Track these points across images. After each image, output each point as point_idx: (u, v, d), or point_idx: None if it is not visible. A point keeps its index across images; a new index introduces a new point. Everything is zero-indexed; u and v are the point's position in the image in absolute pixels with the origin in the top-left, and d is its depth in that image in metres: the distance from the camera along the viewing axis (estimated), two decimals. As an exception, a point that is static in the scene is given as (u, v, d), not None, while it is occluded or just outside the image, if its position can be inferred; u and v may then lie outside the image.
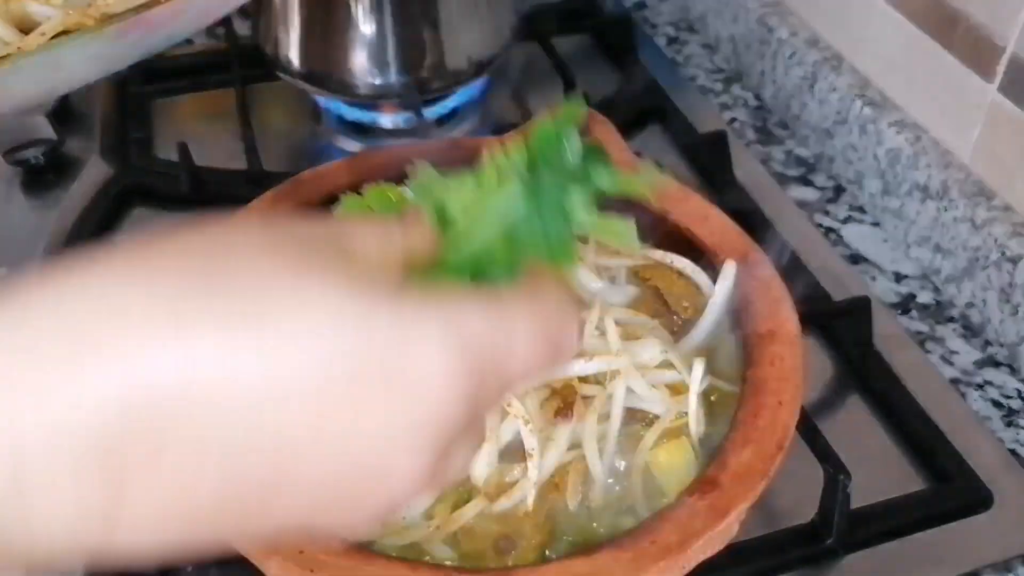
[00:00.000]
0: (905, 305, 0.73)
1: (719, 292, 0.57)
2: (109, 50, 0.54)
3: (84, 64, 0.54)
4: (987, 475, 0.59)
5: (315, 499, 0.28)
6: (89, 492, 0.25)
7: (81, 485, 0.25)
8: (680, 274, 0.61)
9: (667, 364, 0.53)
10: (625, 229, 0.40)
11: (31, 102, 0.55)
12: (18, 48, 0.52)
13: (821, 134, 0.85)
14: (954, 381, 0.67)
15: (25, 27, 0.54)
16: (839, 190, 0.82)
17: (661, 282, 0.60)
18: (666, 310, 0.59)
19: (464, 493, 0.50)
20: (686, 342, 0.56)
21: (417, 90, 0.80)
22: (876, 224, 0.79)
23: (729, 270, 0.58)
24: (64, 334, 0.25)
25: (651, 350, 0.53)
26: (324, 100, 0.85)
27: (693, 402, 0.52)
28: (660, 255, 0.61)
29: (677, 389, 0.53)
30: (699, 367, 0.52)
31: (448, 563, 0.47)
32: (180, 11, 0.54)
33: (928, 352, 0.68)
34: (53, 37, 0.53)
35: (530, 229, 0.37)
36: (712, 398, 0.55)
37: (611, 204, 0.64)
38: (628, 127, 0.80)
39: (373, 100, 0.81)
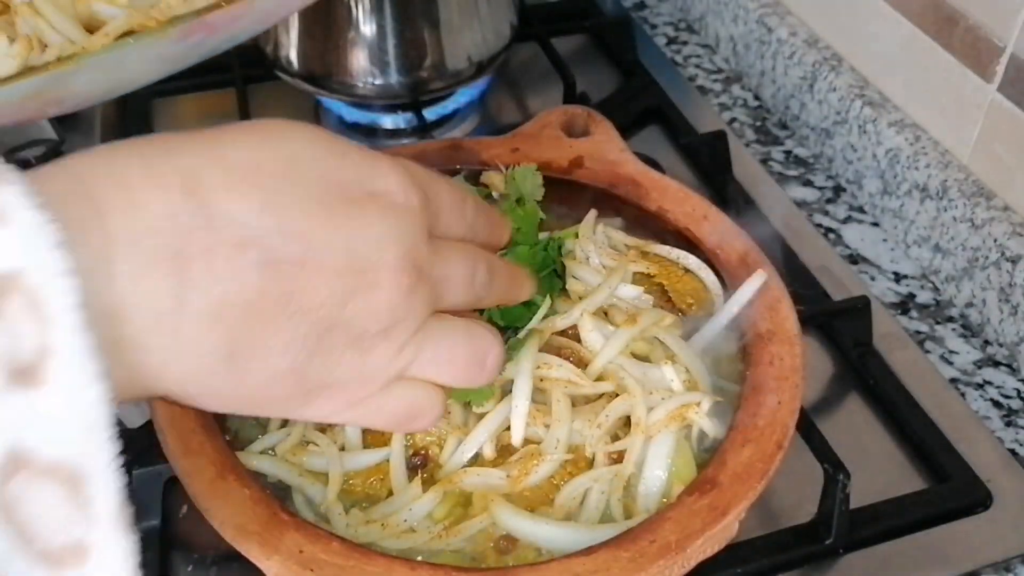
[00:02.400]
0: (904, 305, 0.73)
1: (738, 299, 0.57)
2: (171, 51, 0.54)
3: (146, 65, 0.54)
4: (987, 475, 0.59)
5: (334, 290, 0.36)
6: (160, 280, 0.32)
7: (156, 273, 0.32)
8: (686, 271, 0.61)
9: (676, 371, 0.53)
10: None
11: (93, 101, 0.54)
12: (83, 48, 0.52)
13: (820, 134, 0.85)
14: (954, 381, 0.67)
15: (91, 27, 0.54)
16: (838, 190, 0.83)
17: (666, 279, 0.60)
18: (671, 307, 0.59)
19: (465, 495, 0.50)
20: (691, 343, 0.56)
21: (417, 90, 0.80)
22: (875, 224, 0.79)
23: (756, 280, 0.57)
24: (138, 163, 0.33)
25: (663, 378, 0.53)
26: (324, 100, 0.85)
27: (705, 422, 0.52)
28: (667, 251, 0.61)
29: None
30: (706, 402, 0.52)
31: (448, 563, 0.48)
32: (240, 15, 0.54)
33: (928, 352, 0.69)
34: (118, 37, 0.53)
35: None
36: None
37: (604, 203, 0.65)
38: (628, 127, 0.80)
39: (373, 100, 0.81)
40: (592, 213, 0.63)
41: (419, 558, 0.47)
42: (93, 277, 0.31)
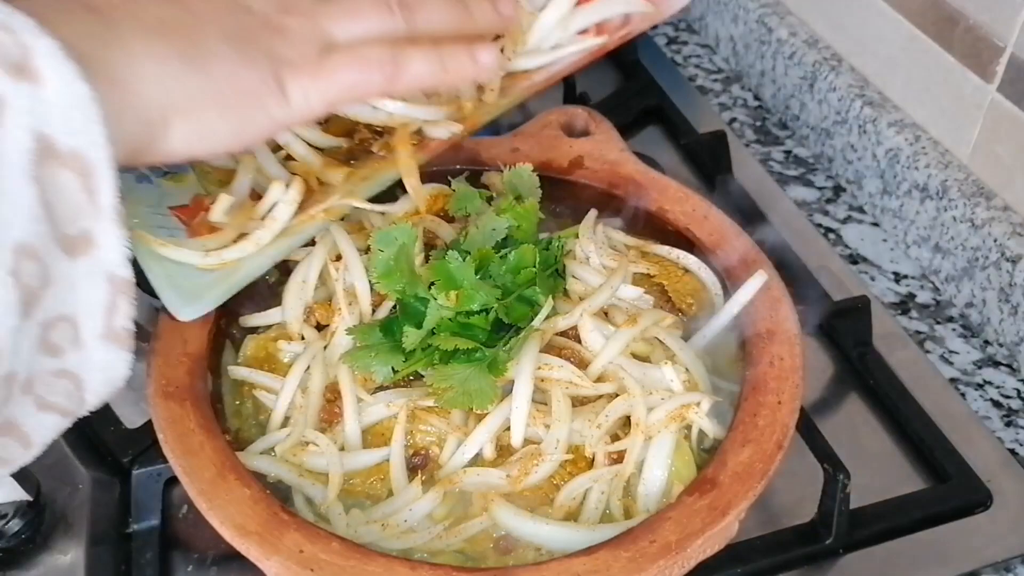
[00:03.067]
0: (904, 305, 0.73)
1: (738, 299, 0.57)
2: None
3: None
4: (986, 475, 0.59)
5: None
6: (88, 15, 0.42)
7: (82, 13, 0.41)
8: (685, 271, 0.61)
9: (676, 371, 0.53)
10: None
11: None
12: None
13: (820, 134, 0.85)
14: (953, 381, 0.67)
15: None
16: (838, 190, 0.83)
17: (666, 279, 0.60)
18: (670, 307, 0.59)
19: (465, 495, 0.50)
20: (691, 343, 0.56)
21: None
22: (875, 224, 0.79)
23: (757, 280, 0.57)
24: None
25: (663, 378, 0.53)
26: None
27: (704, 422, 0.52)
28: (667, 251, 0.61)
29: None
30: (706, 402, 0.52)
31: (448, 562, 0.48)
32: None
33: (928, 352, 0.69)
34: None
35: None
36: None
37: (604, 203, 0.65)
38: (628, 127, 0.80)
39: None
40: (592, 213, 0.63)
41: (419, 557, 0.47)
42: (37, 22, 0.38)
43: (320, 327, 0.57)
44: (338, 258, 0.58)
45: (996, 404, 0.66)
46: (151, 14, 0.44)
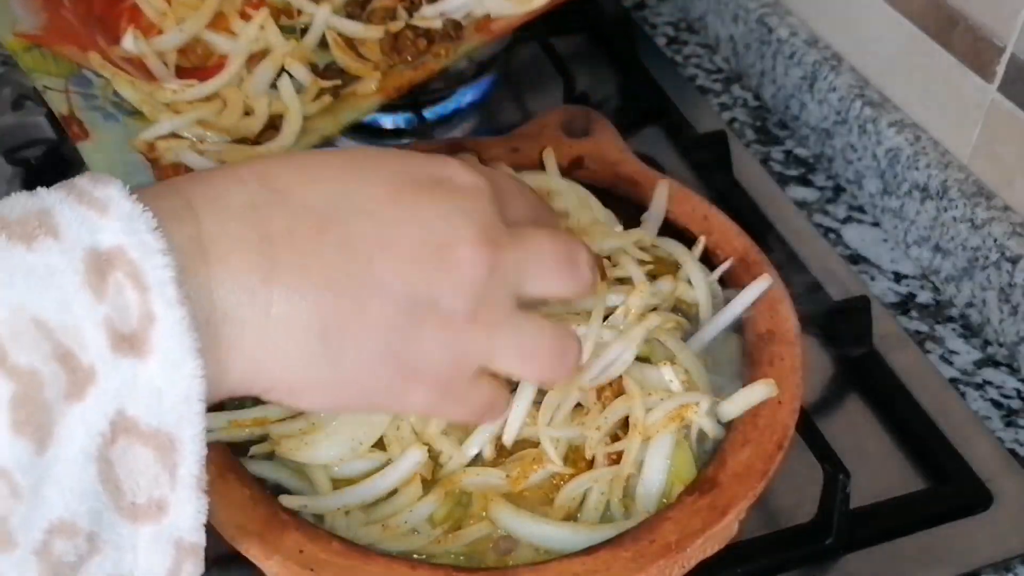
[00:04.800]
0: (904, 305, 0.73)
1: (740, 301, 0.57)
2: None
3: None
4: (986, 475, 0.59)
5: (414, 267, 0.38)
6: (249, 258, 0.35)
7: (244, 253, 0.35)
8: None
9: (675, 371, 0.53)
10: None
11: None
12: None
13: (820, 134, 0.85)
14: (953, 381, 0.67)
15: None
16: (838, 190, 0.83)
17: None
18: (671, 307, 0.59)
19: (465, 496, 0.50)
20: (691, 344, 0.56)
21: (417, 90, 0.80)
22: (875, 224, 0.79)
23: (760, 283, 0.57)
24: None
25: (662, 379, 0.53)
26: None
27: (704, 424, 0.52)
28: (666, 252, 0.61)
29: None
30: (705, 403, 0.52)
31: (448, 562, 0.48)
32: None
33: (928, 352, 0.69)
34: None
35: None
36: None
37: (604, 203, 0.65)
38: (628, 127, 0.80)
39: (373, 100, 0.81)
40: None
41: (419, 558, 0.47)
42: (186, 257, 0.34)
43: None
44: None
45: (996, 404, 0.66)
46: (324, 268, 0.36)
